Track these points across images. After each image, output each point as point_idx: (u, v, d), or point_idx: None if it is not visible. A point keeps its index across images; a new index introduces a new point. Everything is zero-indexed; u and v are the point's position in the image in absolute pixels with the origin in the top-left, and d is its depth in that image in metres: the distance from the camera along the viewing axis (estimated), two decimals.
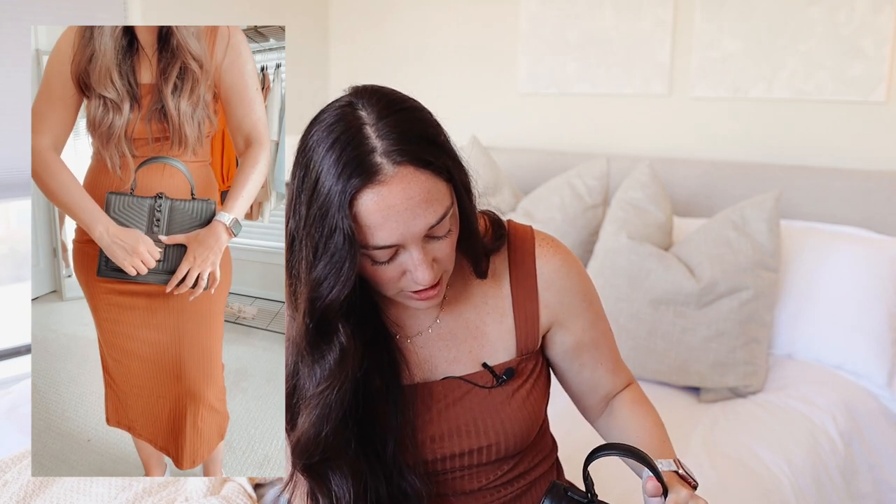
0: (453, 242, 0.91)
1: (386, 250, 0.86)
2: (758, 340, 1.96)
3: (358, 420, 0.94)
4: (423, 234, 0.85)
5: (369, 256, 0.87)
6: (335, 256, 0.84)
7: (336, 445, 0.93)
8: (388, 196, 0.82)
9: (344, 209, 0.82)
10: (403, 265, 0.88)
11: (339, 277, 0.85)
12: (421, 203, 0.84)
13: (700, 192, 2.39)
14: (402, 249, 0.86)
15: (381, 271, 0.88)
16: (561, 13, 2.71)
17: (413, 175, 0.83)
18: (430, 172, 0.85)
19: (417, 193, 0.83)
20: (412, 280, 0.89)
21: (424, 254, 0.87)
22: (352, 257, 0.84)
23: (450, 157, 0.88)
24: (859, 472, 1.82)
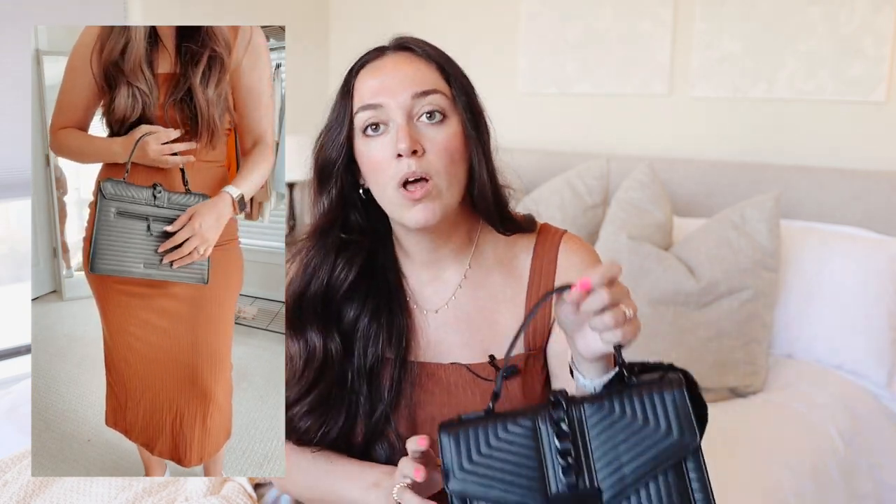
0: (448, 142, 0.94)
1: (372, 111, 0.93)
2: (758, 340, 1.95)
3: (363, 381, 0.99)
4: (407, 100, 0.93)
5: (361, 124, 0.95)
6: (334, 115, 0.98)
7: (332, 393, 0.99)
8: (381, 66, 0.96)
9: (349, 79, 0.97)
10: (391, 141, 0.93)
11: (337, 138, 0.97)
12: (409, 73, 0.94)
13: (700, 192, 2.38)
14: (390, 120, 0.93)
15: (373, 150, 0.94)
16: (561, 13, 2.71)
17: (410, 57, 0.97)
18: (432, 65, 0.96)
19: (408, 68, 0.95)
20: (398, 156, 0.92)
21: (409, 125, 0.92)
22: (346, 115, 0.96)
23: (462, 84, 0.98)
24: (859, 472, 1.82)
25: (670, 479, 0.73)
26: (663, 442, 0.74)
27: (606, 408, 0.76)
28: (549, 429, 0.76)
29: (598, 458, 0.74)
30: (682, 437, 0.74)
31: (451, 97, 0.96)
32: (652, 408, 0.75)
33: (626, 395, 0.77)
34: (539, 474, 0.75)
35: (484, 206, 1.00)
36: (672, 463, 0.73)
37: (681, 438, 0.74)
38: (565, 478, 0.74)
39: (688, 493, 0.73)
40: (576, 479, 0.74)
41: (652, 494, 0.73)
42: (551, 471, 0.75)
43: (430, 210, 0.93)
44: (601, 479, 0.74)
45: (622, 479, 0.73)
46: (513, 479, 0.75)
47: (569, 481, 0.74)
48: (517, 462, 0.76)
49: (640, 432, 0.74)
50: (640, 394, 0.76)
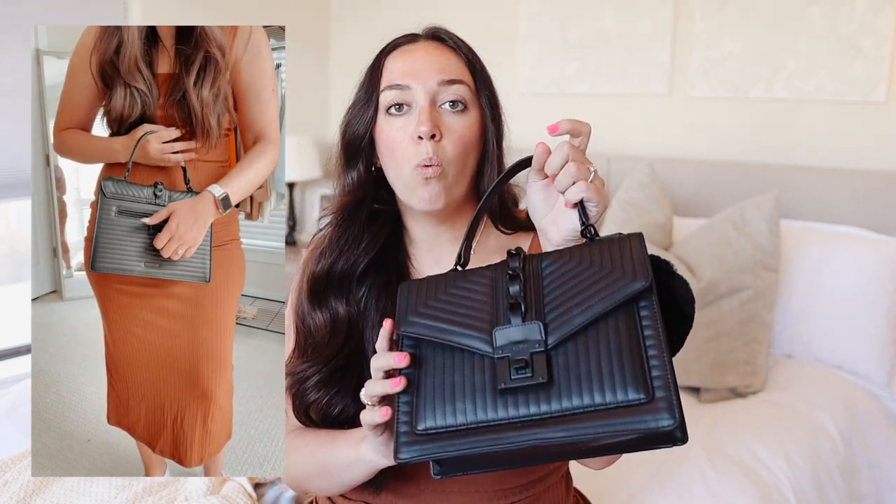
0: (465, 131, 0.96)
1: (398, 91, 0.96)
2: (758, 340, 1.95)
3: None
4: (433, 86, 0.95)
5: (386, 102, 0.96)
6: (362, 93, 0.99)
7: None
8: (413, 50, 0.99)
9: (380, 58, 1.00)
10: (413, 122, 0.95)
11: (364, 115, 0.99)
12: (438, 61, 0.97)
13: (700, 192, 2.39)
14: (414, 102, 0.95)
15: (394, 129, 0.96)
16: (561, 13, 2.71)
17: (441, 48, 1.00)
18: (460, 56, 0.99)
19: (438, 56, 0.98)
20: (418, 138, 0.94)
21: (432, 109, 0.94)
22: (374, 92, 0.97)
23: (485, 80, 1.00)
24: (859, 472, 1.82)
25: (620, 320, 0.70)
26: (615, 284, 0.71)
27: (564, 257, 0.76)
28: (503, 277, 0.76)
29: (549, 301, 0.73)
30: (634, 278, 0.71)
31: (474, 90, 0.99)
32: (609, 255, 0.74)
33: (585, 246, 0.77)
34: (488, 317, 0.74)
35: (493, 207, 1.02)
36: (623, 304, 0.71)
37: (633, 280, 0.71)
38: (512, 316, 0.73)
39: (637, 334, 0.70)
40: (522, 319, 0.73)
41: (600, 333, 0.71)
42: (501, 316, 0.74)
43: (435, 192, 0.95)
44: (549, 319, 0.72)
45: (570, 321, 0.71)
46: (461, 321, 0.75)
47: (514, 319, 0.73)
48: (470, 306, 0.76)
49: (593, 276, 0.73)
50: (600, 244, 0.76)
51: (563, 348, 0.71)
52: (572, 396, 0.68)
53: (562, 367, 0.70)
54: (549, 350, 0.71)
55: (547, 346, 0.71)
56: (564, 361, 0.70)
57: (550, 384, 0.69)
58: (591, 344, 0.70)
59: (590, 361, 0.69)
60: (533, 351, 0.71)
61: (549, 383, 0.69)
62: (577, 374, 0.69)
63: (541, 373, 0.70)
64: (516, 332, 0.72)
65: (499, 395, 0.70)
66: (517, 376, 0.70)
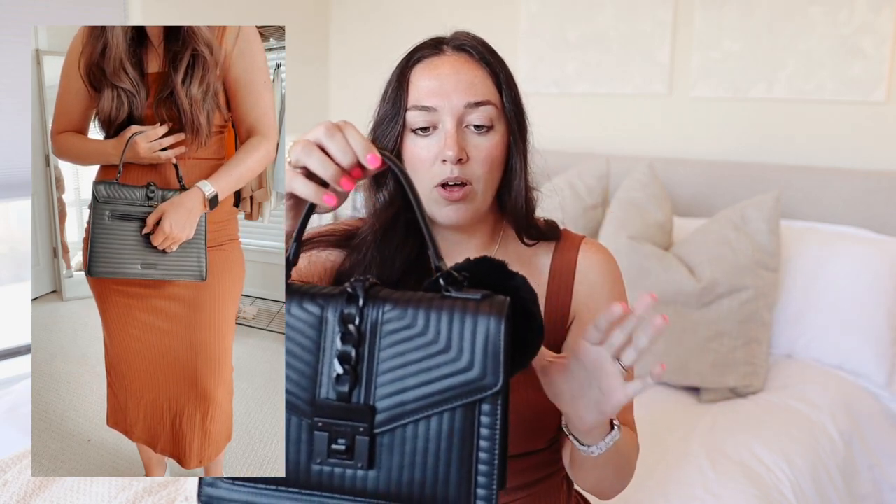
0: (491, 151, 0.96)
1: (425, 113, 0.95)
2: (758, 340, 1.95)
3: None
4: (460, 108, 0.94)
5: (412, 123, 0.96)
6: (388, 107, 0.98)
7: None
8: (440, 65, 0.97)
9: (405, 71, 0.98)
10: (438, 144, 0.95)
11: (392, 131, 0.98)
12: (465, 80, 0.95)
13: (700, 192, 2.39)
14: (440, 123, 0.95)
15: (419, 148, 0.96)
16: (561, 13, 2.71)
17: (468, 61, 0.97)
18: (486, 70, 0.97)
19: (465, 74, 0.96)
20: (443, 161, 0.94)
21: (458, 132, 0.94)
22: (401, 109, 0.96)
23: (512, 93, 0.99)
24: (859, 472, 1.82)
25: (456, 419, 0.64)
26: (459, 376, 0.64)
27: (409, 318, 0.66)
28: (335, 324, 0.67)
29: (383, 372, 0.65)
30: (482, 376, 0.64)
31: (500, 107, 0.98)
32: (460, 333, 0.64)
33: (436, 310, 0.66)
34: (312, 372, 0.66)
35: (514, 214, 1.02)
36: (464, 402, 0.64)
37: (480, 377, 0.64)
38: (337, 386, 0.65)
39: (472, 440, 0.64)
40: (349, 391, 0.65)
41: (431, 429, 0.64)
42: (325, 374, 0.66)
43: (463, 210, 0.96)
44: (379, 397, 0.65)
45: (402, 405, 0.65)
46: (291, 362, 0.67)
47: (339, 391, 0.65)
48: (299, 348, 0.67)
49: (437, 357, 0.65)
50: (452, 312, 0.65)
51: (389, 435, 0.65)
52: (391, 486, 0.65)
53: (385, 453, 0.66)
54: (375, 435, 0.66)
55: (373, 432, 0.65)
56: (389, 448, 0.65)
57: (370, 469, 0.66)
58: (421, 435, 0.65)
59: (415, 454, 0.65)
60: (357, 434, 0.65)
61: (368, 468, 0.66)
62: (399, 465, 0.65)
63: (361, 459, 0.65)
64: (339, 409, 0.66)
65: (314, 464, 0.66)
66: (335, 459, 0.66)
